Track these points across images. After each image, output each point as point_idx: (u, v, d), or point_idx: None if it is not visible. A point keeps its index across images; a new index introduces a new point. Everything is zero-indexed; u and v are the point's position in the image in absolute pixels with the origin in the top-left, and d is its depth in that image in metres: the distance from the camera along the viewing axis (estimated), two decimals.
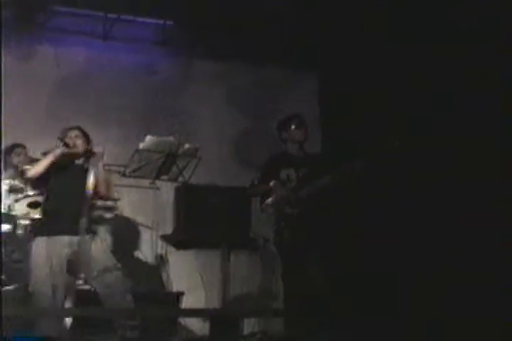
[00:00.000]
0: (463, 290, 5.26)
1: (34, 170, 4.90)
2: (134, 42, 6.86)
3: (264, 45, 6.73)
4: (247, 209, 6.38)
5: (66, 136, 4.99)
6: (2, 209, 5.29)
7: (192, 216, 6.43)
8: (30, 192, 5.50)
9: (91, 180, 4.80)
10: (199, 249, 6.70)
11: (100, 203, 6.01)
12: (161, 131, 5.66)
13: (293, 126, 5.46)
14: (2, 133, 4.70)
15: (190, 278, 6.65)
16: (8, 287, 5.16)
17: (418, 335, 4.80)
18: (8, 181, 5.60)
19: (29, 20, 6.40)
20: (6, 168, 5.70)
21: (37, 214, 5.38)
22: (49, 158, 4.86)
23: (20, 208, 5.52)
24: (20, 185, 5.55)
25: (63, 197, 4.90)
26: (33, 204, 5.54)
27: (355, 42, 6.34)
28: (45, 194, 5.07)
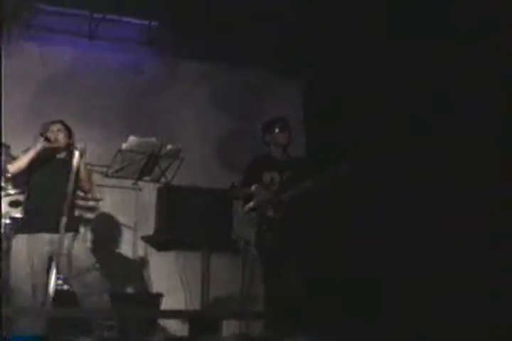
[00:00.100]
0: (448, 294, 5.29)
1: (15, 166, 4.88)
2: (120, 42, 6.85)
3: (250, 46, 6.74)
4: (229, 211, 6.37)
5: (48, 130, 5.00)
6: None
7: (173, 217, 6.42)
8: (11, 191, 5.47)
9: (73, 175, 4.79)
10: (180, 250, 6.70)
11: (82, 203, 6.01)
12: (144, 131, 5.65)
13: (277, 129, 5.47)
14: (2, 133, 4.71)
15: (170, 280, 6.64)
16: None
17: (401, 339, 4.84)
18: None
19: (15, 18, 6.37)
20: None
21: (18, 213, 5.37)
22: (30, 154, 4.85)
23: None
24: (2, 183, 5.52)
25: (45, 195, 4.89)
26: (13, 203, 5.52)
27: (340, 46, 6.36)
28: (26, 192, 5.06)
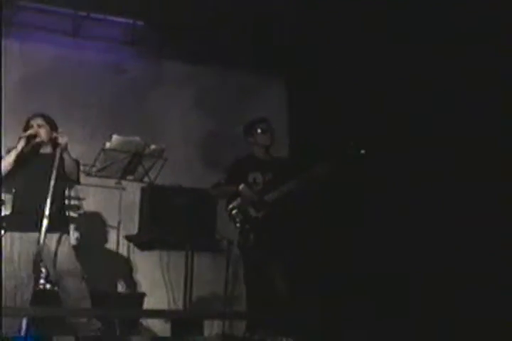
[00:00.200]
0: (433, 291, 5.34)
1: (1, 167, 4.86)
2: (104, 40, 6.82)
3: (234, 47, 6.73)
4: (213, 211, 6.38)
5: (29, 125, 4.98)
6: None
7: (157, 217, 6.41)
8: None
9: (54, 173, 4.77)
10: (163, 249, 6.69)
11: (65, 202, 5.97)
12: (127, 130, 5.63)
13: (259, 131, 5.49)
14: (2, 133, 4.68)
15: (153, 279, 6.64)
16: None
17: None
18: None
19: None
20: None
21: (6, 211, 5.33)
22: (13, 153, 4.85)
23: None
24: None
25: (31, 193, 4.87)
26: None
27: (324, 47, 6.37)
28: (13, 189, 5.05)
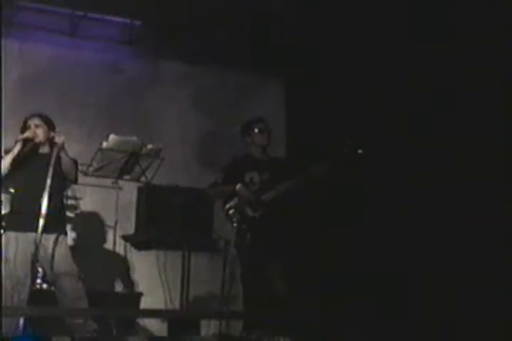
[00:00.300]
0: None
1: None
2: (101, 40, 6.82)
3: (231, 47, 6.73)
4: (210, 211, 6.38)
5: (26, 125, 4.98)
6: None
7: (154, 216, 6.41)
8: None
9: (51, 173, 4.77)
10: (160, 249, 6.69)
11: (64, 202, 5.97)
12: (124, 130, 5.63)
13: (256, 130, 5.49)
14: (2, 133, 4.68)
15: (150, 279, 6.64)
16: None
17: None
18: None
19: None
20: None
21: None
22: (10, 156, 4.85)
23: None
24: None
25: (29, 193, 4.87)
26: None
27: (323, 46, 6.38)
28: (11, 189, 5.05)
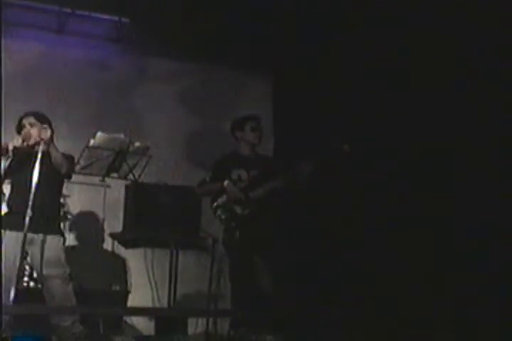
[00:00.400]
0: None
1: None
2: (89, 37, 6.80)
3: (220, 44, 6.72)
4: (198, 209, 6.37)
5: (21, 124, 5.00)
6: None
7: (142, 214, 6.39)
8: None
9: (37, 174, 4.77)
10: (148, 247, 6.67)
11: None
12: (111, 128, 5.60)
13: (249, 128, 5.48)
14: (2, 133, 4.66)
15: (138, 277, 6.63)
16: None
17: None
18: None
19: None
20: None
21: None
22: (3, 163, 4.87)
23: None
24: None
25: (24, 192, 4.83)
26: None
27: (310, 44, 6.38)
28: (9, 186, 5.04)
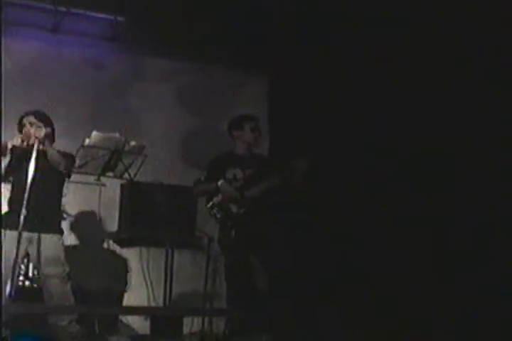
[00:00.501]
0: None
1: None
2: (84, 36, 6.79)
3: (216, 44, 6.71)
4: (193, 208, 6.37)
5: (22, 123, 5.01)
6: None
7: (137, 213, 6.39)
8: None
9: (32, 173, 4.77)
10: (143, 246, 6.67)
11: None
12: (107, 127, 5.60)
13: (248, 127, 5.48)
14: (2, 133, 4.66)
15: (133, 276, 6.62)
16: None
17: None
18: None
19: None
20: None
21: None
22: (3, 163, 4.87)
23: None
24: None
25: (22, 191, 4.83)
26: None
27: (306, 43, 6.38)
28: (11, 185, 5.05)
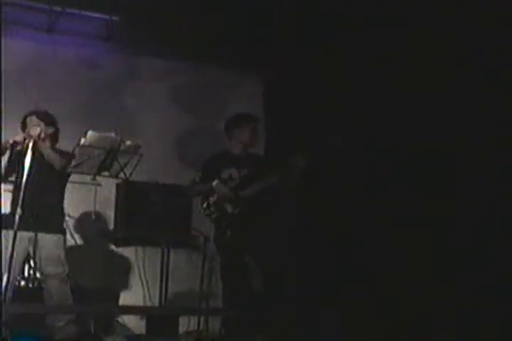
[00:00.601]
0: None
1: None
2: (79, 36, 6.79)
3: (211, 43, 6.72)
4: (189, 207, 6.37)
5: (25, 123, 5.03)
6: None
7: (133, 213, 6.39)
8: None
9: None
10: (139, 246, 6.67)
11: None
12: (103, 127, 5.60)
13: (244, 127, 5.47)
14: (2, 133, 4.67)
15: (129, 276, 6.62)
16: None
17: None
18: None
19: None
20: None
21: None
22: (3, 161, 4.89)
23: None
24: None
25: (31, 191, 4.84)
26: None
27: (302, 43, 6.39)
28: (14, 184, 5.06)
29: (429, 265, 5.31)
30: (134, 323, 6.27)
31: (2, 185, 5.21)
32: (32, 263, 5.33)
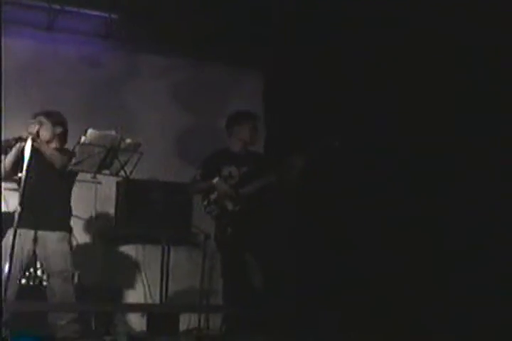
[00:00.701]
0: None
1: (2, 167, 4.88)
2: (78, 34, 6.78)
3: (210, 41, 6.71)
4: (189, 205, 6.37)
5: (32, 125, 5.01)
6: None
7: (133, 211, 6.38)
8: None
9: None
10: (139, 244, 6.68)
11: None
12: (103, 125, 5.60)
13: (245, 124, 5.47)
14: (2, 133, 4.66)
15: (130, 274, 6.63)
16: None
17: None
18: None
19: None
20: None
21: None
22: (9, 159, 4.90)
23: None
24: None
25: (33, 190, 4.85)
26: None
27: (302, 41, 6.38)
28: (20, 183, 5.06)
29: (428, 266, 5.31)
30: (135, 320, 6.28)
31: (8, 183, 5.22)
32: (36, 261, 5.31)
